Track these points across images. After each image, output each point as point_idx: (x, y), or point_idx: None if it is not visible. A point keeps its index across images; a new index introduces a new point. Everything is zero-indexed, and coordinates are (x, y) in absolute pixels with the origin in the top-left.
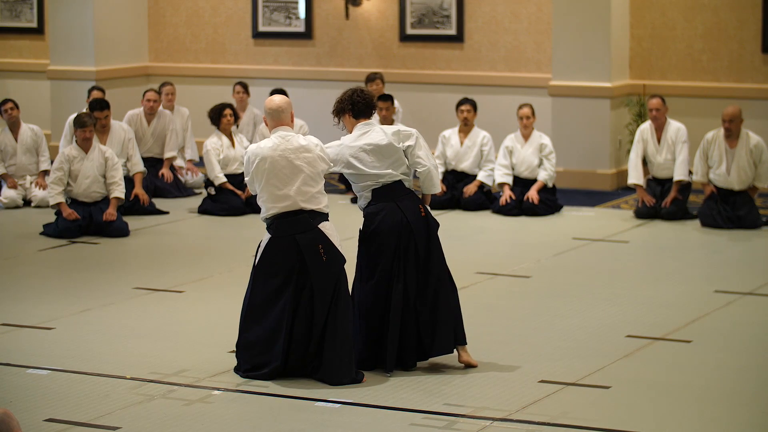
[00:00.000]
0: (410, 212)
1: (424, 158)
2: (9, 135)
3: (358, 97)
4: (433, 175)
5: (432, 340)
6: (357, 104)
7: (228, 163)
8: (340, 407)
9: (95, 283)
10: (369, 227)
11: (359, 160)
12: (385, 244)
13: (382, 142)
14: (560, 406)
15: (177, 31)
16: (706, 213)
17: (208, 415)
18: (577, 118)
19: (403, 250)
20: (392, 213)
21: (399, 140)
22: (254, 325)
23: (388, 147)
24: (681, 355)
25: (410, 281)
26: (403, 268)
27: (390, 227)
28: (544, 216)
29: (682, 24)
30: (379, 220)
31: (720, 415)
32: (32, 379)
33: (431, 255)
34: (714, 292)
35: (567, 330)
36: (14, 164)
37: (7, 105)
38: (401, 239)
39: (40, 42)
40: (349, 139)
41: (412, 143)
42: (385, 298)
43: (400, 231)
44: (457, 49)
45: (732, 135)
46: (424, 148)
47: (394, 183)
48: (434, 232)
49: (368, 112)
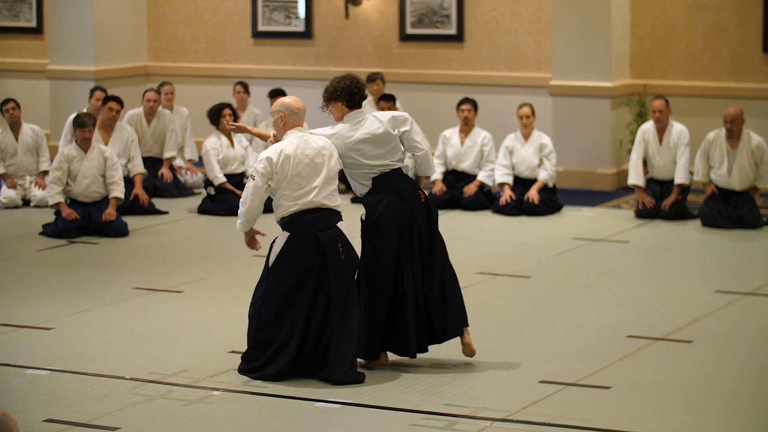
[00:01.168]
0: (412, 199)
1: (420, 142)
2: (10, 134)
3: (356, 89)
4: (430, 158)
5: (445, 324)
6: (354, 96)
7: (227, 163)
8: (340, 408)
9: (94, 283)
10: (372, 216)
11: (359, 152)
12: (390, 233)
13: (378, 130)
14: (561, 407)
15: (176, 30)
16: (707, 213)
17: (207, 416)
18: (578, 118)
19: (408, 236)
20: (395, 201)
21: (394, 126)
22: (270, 326)
23: (386, 135)
24: (682, 356)
25: (417, 267)
26: (409, 255)
27: (393, 215)
28: (544, 216)
29: (682, 23)
30: (382, 209)
31: (721, 415)
32: (31, 380)
33: (434, 240)
34: (715, 292)
35: (567, 330)
36: (14, 164)
37: (9, 105)
38: (405, 226)
39: (39, 42)
40: (345, 129)
41: (407, 128)
42: (392, 286)
43: (404, 218)
44: (457, 48)
45: (733, 136)
46: (419, 132)
47: (393, 171)
48: (435, 217)
49: (360, 102)
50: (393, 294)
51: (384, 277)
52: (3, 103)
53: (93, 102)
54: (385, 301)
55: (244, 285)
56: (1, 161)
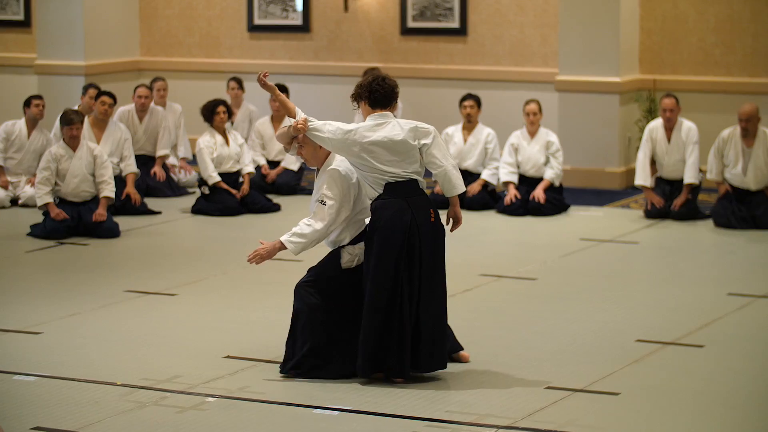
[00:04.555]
0: (420, 214)
1: (439, 158)
2: (24, 130)
3: (378, 86)
4: (452, 176)
5: (430, 356)
6: (375, 92)
7: (222, 161)
8: (338, 414)
9: (84, 285)
10: (376, 223)
11: (371, 154)
12: (391, 243)
13: (397, 137)
14: (567, 414)
15: (169, 24)
16: (720, 213)
17: (201, 423)
18: (585, 115)
19: (408, 251)
20: (401, 211)
21: (415, 137)
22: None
23: (403, 143)
24: (693, 361)
25: (414, 286)
26: (408, 271)
27: (397, 224)
28: (550, 216)
29: (693, 16)
30: (387, 217)
31: (734, 423)
32: (19, 386)
33: (437, 265)
34: (727, 295)
35: (574, 334)
36: (16, 160)
37: (39, 101)
38: (408, 239)
39: (26, 35)
40: (364, 128)
41: (428, 141)
42: (388, 300)
43: (408, 231)
44: (460, 42)
45: (749, 134)
46: (442, 147)
47: (409, 180)
48: (441, 241)
49: (386, 102)
50: (390, 308)
51: (381, 288)
52: (32, 97)
53: (86, 100)
54: (381, 314)
55: (239, 288)
56: (2, 152)
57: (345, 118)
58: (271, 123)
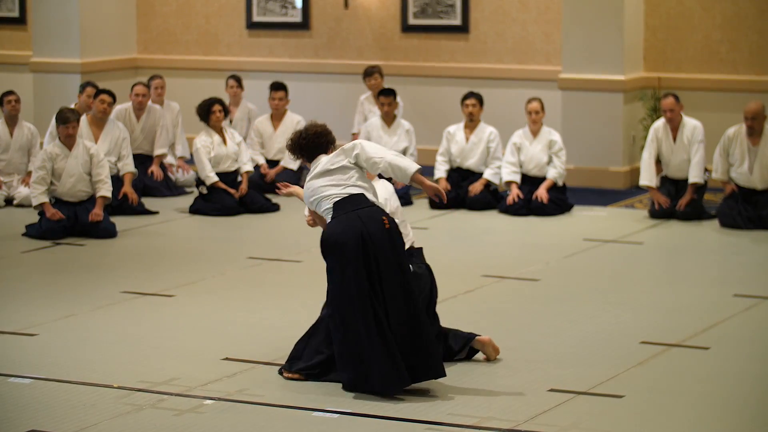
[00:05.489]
0: (372, 224)
1: (374, 154)
2: (5, 129)
3: (304, 141)
4: (397, 162)
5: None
6: (305, 149)
7: (219, 161)
8: (338, 417)
9: (81, 286)
10: (328, 237)
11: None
12: (346, 256)
13: (333, 166)
14: (571, 416)
15: (167, 21)
16: (726, 212)
17: (199, 426)
18: (589, 113)
19: (365, 262)
20: (351, 222)
21: (345, 157)
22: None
23: (340, 169)
24: (698, 363)
25: (377, 293)
26: (369, 281)
27: (348, 236)
28: (553, 216)
29: (699, 13)
30: (339, 231)
31: (739, 425)
32: (14, 389)
33: (402, 271)
34: (733, 296)
35: (578, 336)
36: (4, 160)
37: (12, 97)
38: (362, 249)
39: (22, 32)
40: (309, 182)
41: (358, 151)
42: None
43: (361, 242)
44: (462, 40)
45: (755, 132)
46: (373, 146)
47: (353, 195)
48: (401, 248)
49: (319, 150)
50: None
51: (349, 301)
52: (4, 94)
53: (84, 98)
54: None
55: (238, 289)
56: None
57: (344, 115)
58: (270, 121)
